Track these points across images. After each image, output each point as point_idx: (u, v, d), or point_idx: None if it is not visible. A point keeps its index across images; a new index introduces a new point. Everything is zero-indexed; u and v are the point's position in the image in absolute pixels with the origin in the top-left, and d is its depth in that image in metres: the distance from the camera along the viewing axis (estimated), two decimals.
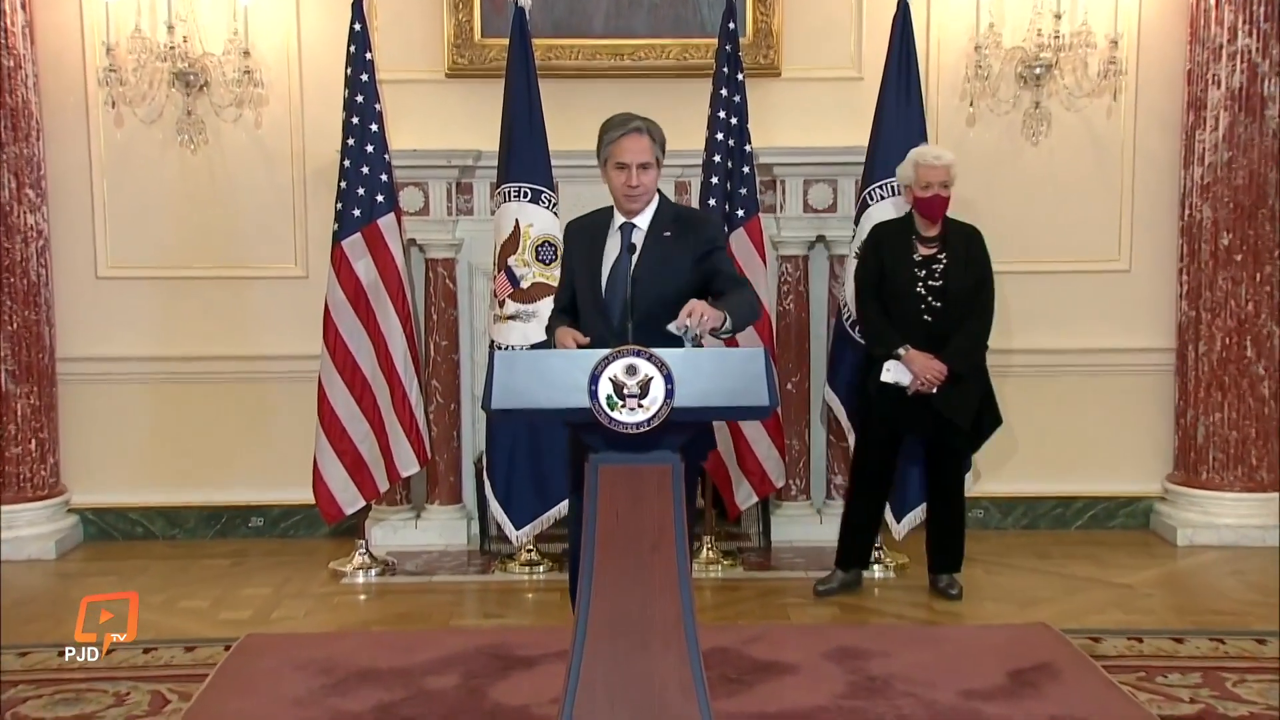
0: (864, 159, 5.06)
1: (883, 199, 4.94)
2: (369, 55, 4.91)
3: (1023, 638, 4.08)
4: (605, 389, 2.63)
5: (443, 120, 5.34)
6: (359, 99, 4.88)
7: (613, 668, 2.68)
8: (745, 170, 4.98)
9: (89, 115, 5.33)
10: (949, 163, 4.49)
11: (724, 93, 4.94)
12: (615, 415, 2.63)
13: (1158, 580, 4.92)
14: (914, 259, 4.52)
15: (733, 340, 3.28)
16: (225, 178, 5.39)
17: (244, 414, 5.50)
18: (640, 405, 2.63)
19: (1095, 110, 5.42)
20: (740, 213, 4.99)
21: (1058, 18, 5.15)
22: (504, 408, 2.72)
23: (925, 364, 4.44)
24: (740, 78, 4.97)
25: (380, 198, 4.93)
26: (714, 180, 4.96)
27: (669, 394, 2.63)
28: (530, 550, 5.06)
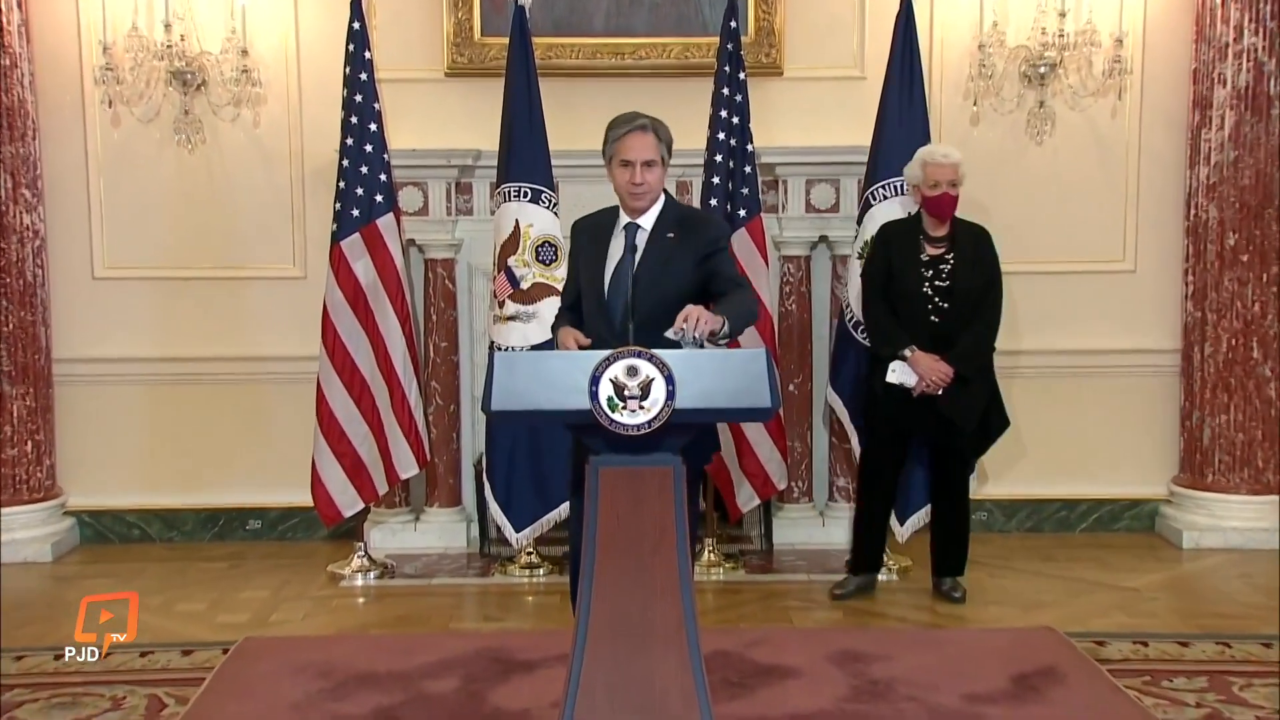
0: (867, 159, 5.05)
1: (885, 199, 4.93)
2: (368, 54, 4.90)
3: (1027, 641, 4.07)
4: (606, 390, 2.62)
5: (442, 119, 5.33)
6: (358, 98, 4.88)
7: (613, 671, 2.67)
8: (747, 170, 4.97)
9: (85, 114, 5.32)
10: (957, 161, 4.48)
11: (726, 92, 4.93)
12: (616, 417, 2.62)
13: (1163, 583, 4.90)
14: (921, 259, 4.51)
15: (734, 342, 3.25)
16: (223, 177, 5.38)
17: (242, 415, 5.49)
18: (641, 407, 2.62)
19: (1100, 109, 5.40)
20: (742, 213, 4.98)
21: (1062, 16, 5.14)
22: (504, 409, 2.70)
23: (931, 365, 4.42)
24: (742, 77, 4.95)
25: (379, 198, 4.92)
26: (715, 180, 4.95)
27: (670, 395, 2.62)
28: (530, 553, 5.05)
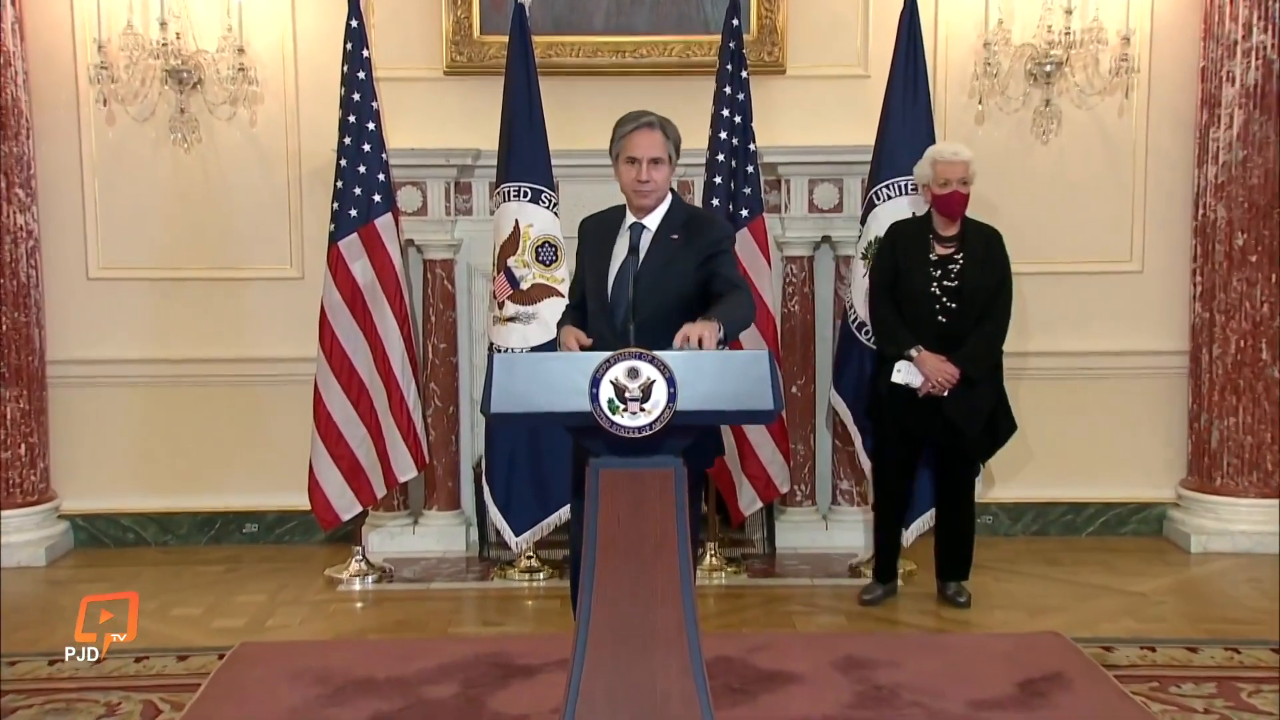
0: (870, 158, 5.03)
1: (889, 199, 4.92)
2: (366, 52, 4.89)
3: (1033, 646, 4.05)
4: (606, 392, 2.60)
5: (441, 119, 5.31)
6: (356, 97, 4.87)
7: (614, 677, 2.65)
8: (749, 169, 4.96)
9: (80, 113, 5.30)
10: (967, 159, 4.47)
11: (728, 90, 4.92)
12: (616, 419, 2.60)
13: (1171, 588, 4.88)
14: (930, 258, 4.49)
15: (736, 343, 3.22)
16: (219, 177, 5.37)
17: (238, 418, 5.48)
18: (642, 409, 2.60)
19: (1107, 108, 5.39)
20: (744, 213, 4.97)
21: (1068, 14, 5.12)
22: (503, 412, 2.68)
23: (937, 366, 4.40)
24: (744, 75, 4.95)
25: (377, 197, 4.92)
26: (718, 180, 4.95)
27: (671, 397, 2.60)
28: (530, 557, 5.04)
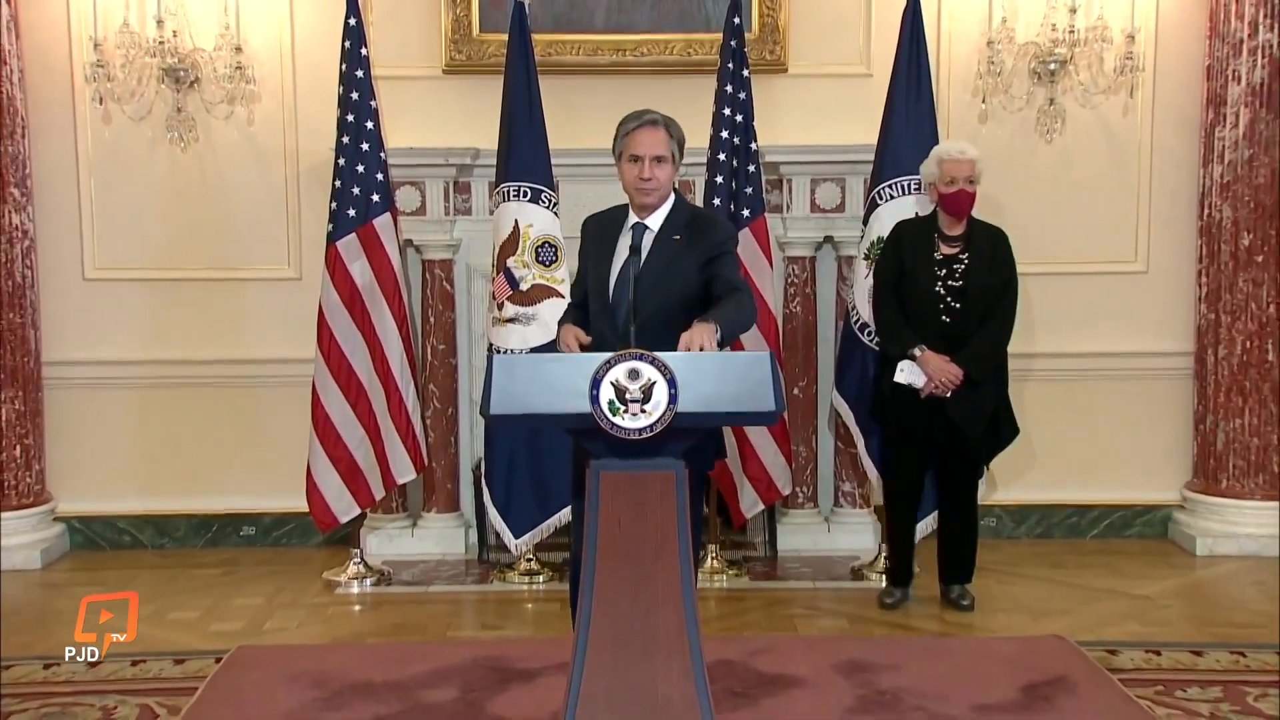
0: (873, 157, 5.00)
1: (892, 198, 4.90)
2: (364, 50, 4.87)
3: (1037, 650, 4.03)
4: (607, 393, 2.59)
5: (440, 117, 5.30)
6: (354, 95, 4.85)
7: (614, 680, 2.63)
8: (751, 169, 4.95)
9: (76, 112, 5.29)
10: (974, 157, 4.46)
11: (729, 89, 4.90)
12: (617, 420, 2.59)
13: (1176, 591, 4.87)
14: (935, 257, 4.47)
15: (738, 344, 3.19)
16: (216, 176, 5.35)
17: (235, 420, 5.46)
18: (643, 410, 2.59)
19: (1111, 107, 5.37)
20: (746, 212, 4.96)
21: (1073, 12, 5.10)
22: (503, 413, 2.67)
23: (940, 366, 4.38)
24: (746, 74, 4.93)
25: (376, 197, 4.90)
26: (719, 179, 4.94)
27: (672, 399, 2.59)
28: (530, 559, 5.03)
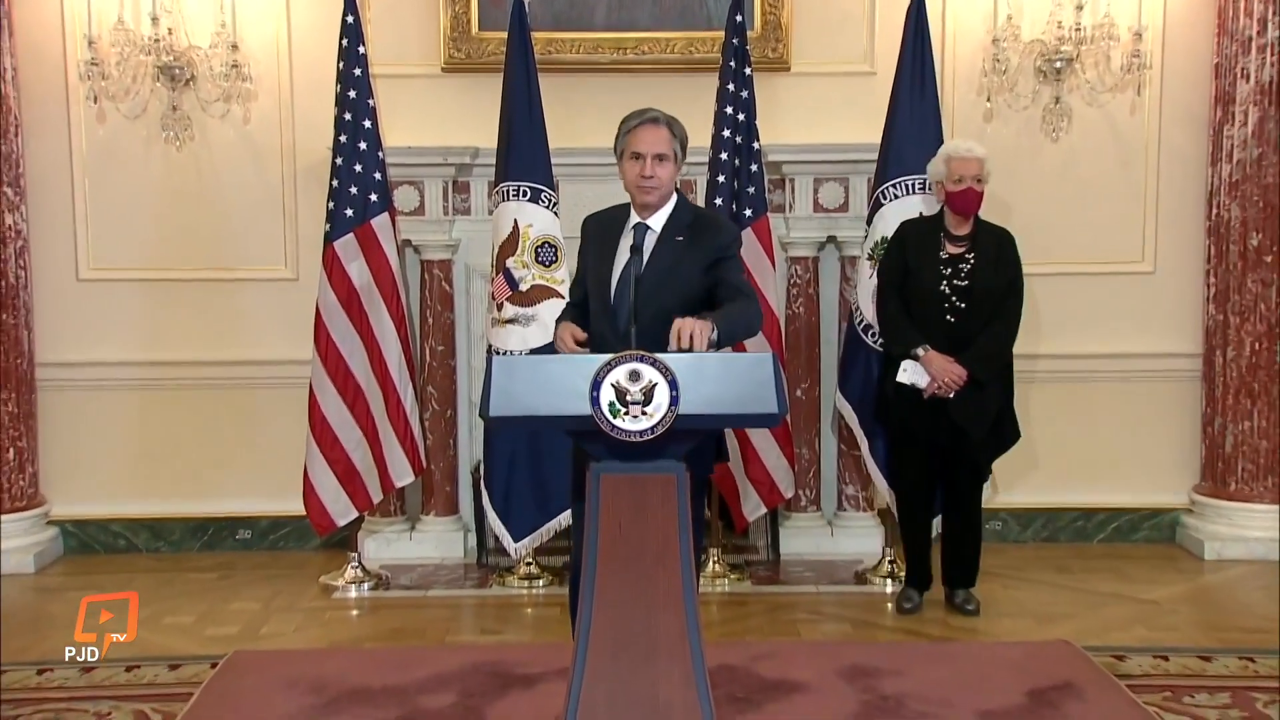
0: (877, 157, 4.99)
1: (896, 198, 4.88)
2: (362, 49, 4.87)
3: (1043, 655, 4.02)
4: (608, 395, 2.57)
5: (439, 116, 5.28)
6: (351, 94, 4.85)
7: (615, 686, 2.62)
8: (753, 168, 4.94)
9: (70, 110, 5.28)
10: (982, 156, 4.45)
11: (731, 88, 4.89)
12: (618, 422, 2.57)
13: (1184, 596, 4.85)
14: (940, 257, 4.46)
15: (740, 346, 3.14)
16: (212, 176, 5.34)
17: (232, 422, 5.46)
18: (644, 412, 2.57)
19: (1118, 105, 5.35)
20: (748, 212, 4.95)
21: (1079, 9, 5.09)
22: (502, 415, 2.66)
23: (944, 366, 4.37)
24: (748, 72, 4.92)
25: (374, 197, 4.89)
26: (721, 179, 4.92)
27: (674, 401, 2.57)
28: (529, 563, 5.01)
